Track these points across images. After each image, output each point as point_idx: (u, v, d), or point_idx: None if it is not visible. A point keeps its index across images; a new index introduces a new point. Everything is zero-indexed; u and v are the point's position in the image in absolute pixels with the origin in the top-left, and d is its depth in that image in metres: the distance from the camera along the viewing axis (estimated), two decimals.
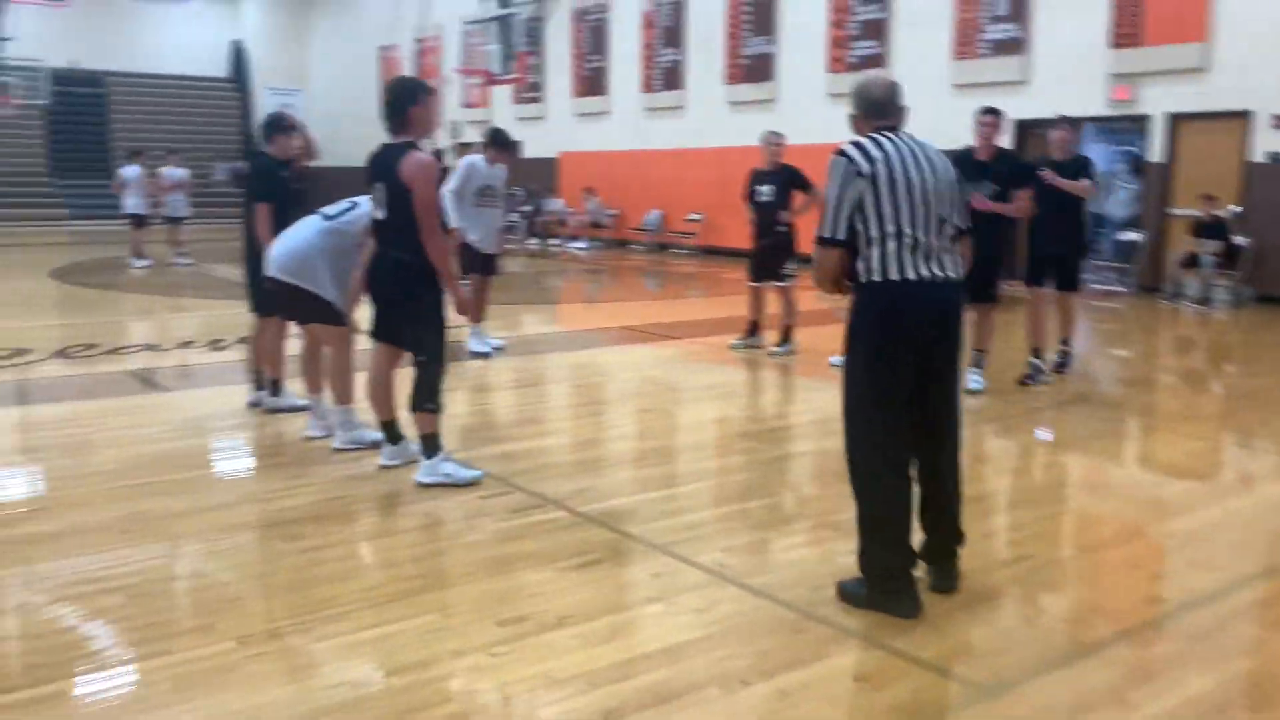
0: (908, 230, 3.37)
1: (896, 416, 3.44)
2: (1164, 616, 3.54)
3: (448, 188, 8.32)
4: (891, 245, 3.37)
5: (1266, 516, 4.66)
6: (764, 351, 8.57)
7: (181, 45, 32.03)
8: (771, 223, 8.47)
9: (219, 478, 5.05)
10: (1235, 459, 5.87)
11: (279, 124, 6.36)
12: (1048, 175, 7.15)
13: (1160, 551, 4.18)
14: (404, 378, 4.98)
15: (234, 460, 5.61)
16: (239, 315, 6.43)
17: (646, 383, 7.80)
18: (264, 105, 32.54)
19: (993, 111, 7.09)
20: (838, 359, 7.90)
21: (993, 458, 5.69)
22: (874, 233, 3.38)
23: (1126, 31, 13.18)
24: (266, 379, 6.32)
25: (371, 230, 4.96)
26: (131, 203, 15.98)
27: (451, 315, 4.93)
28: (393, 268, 4.77)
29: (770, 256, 8.52)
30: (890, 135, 3.47)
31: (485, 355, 8.45)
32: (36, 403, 6.72)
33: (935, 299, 3.43)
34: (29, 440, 5.82)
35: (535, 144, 23.63)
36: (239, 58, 32.98)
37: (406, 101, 4.78)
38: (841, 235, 3.39)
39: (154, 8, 31.84)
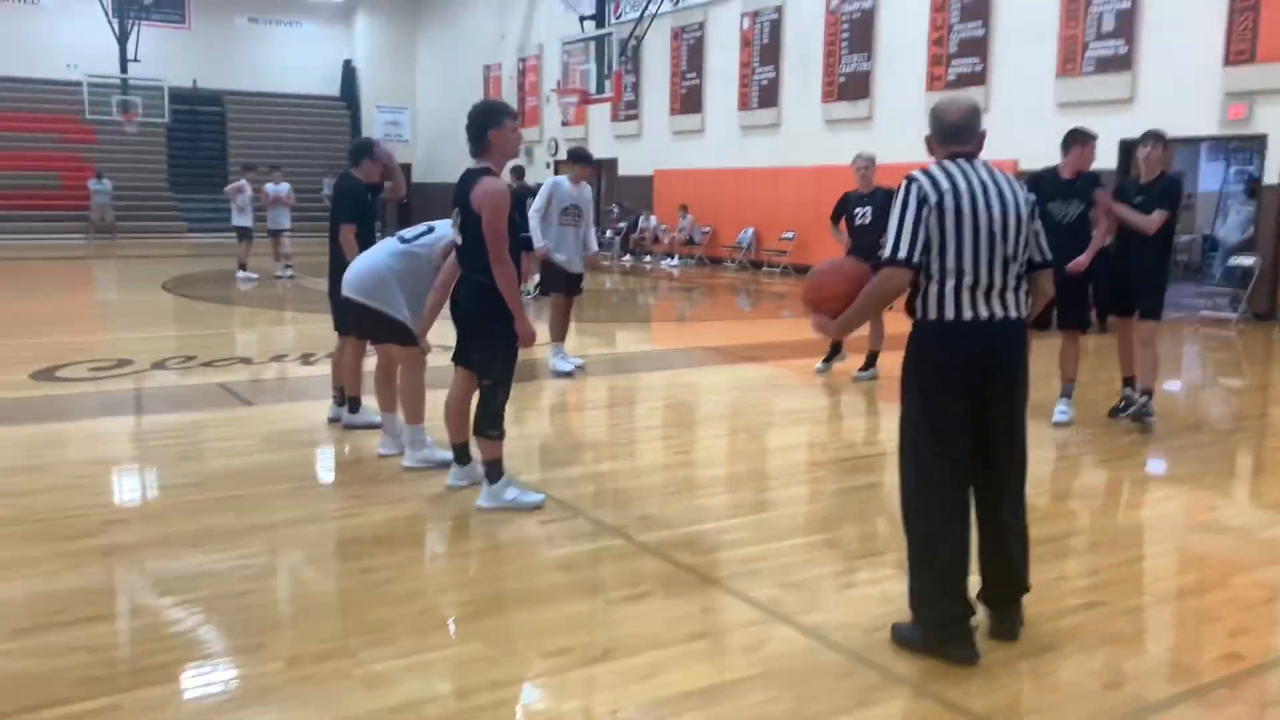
0: (969, 268, 3.24)
1: (952, 456, 3.32)
2: (1240, 676, 3.33)
3: (533, 208, 8.43)
4: (950, 283, 3.25)
5: None
6: (848, 375, 8.42)
7: (295, 65, 33.22)
8: (874, 246, 8.32)
9: (290, 494, 5.16)
10: None
11: (367, 149, 6.51)
12: (1104, 199, 6.66)
13: (1246, 603, 3.93)
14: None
15: (306, 477, 5.73)
16: (331, 330, 6.58)
17: (725, 406, 7.73)
18: (373, 122, 33.59)
19: (1085, 135, 6.84)
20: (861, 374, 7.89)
21: (1077, 495, 5.46)
22: (934, 269, 3.26)
23: (1240, 48, 12.61)
24: (346, 395, 6.46)
25: (456, 254, 4.99)
26: (238, 217, 16.62)
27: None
28: (473, 290, 4.79)
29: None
30: (963, 164, 3.33)
31: (568, 374, 8.50)
32: (129, 414, 6.99)
33: (993, 340, 3.29)
34: (116, 451, 6.05)
35: (631, 161, 23.79)
36: (349, 77, 34.02)
37: (488, 124, 4.79)
38: (916, 259, 3.23)
39: (270, 30, 33.11)
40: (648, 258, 21.92)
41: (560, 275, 8.61)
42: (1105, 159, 14.02)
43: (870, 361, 8.40)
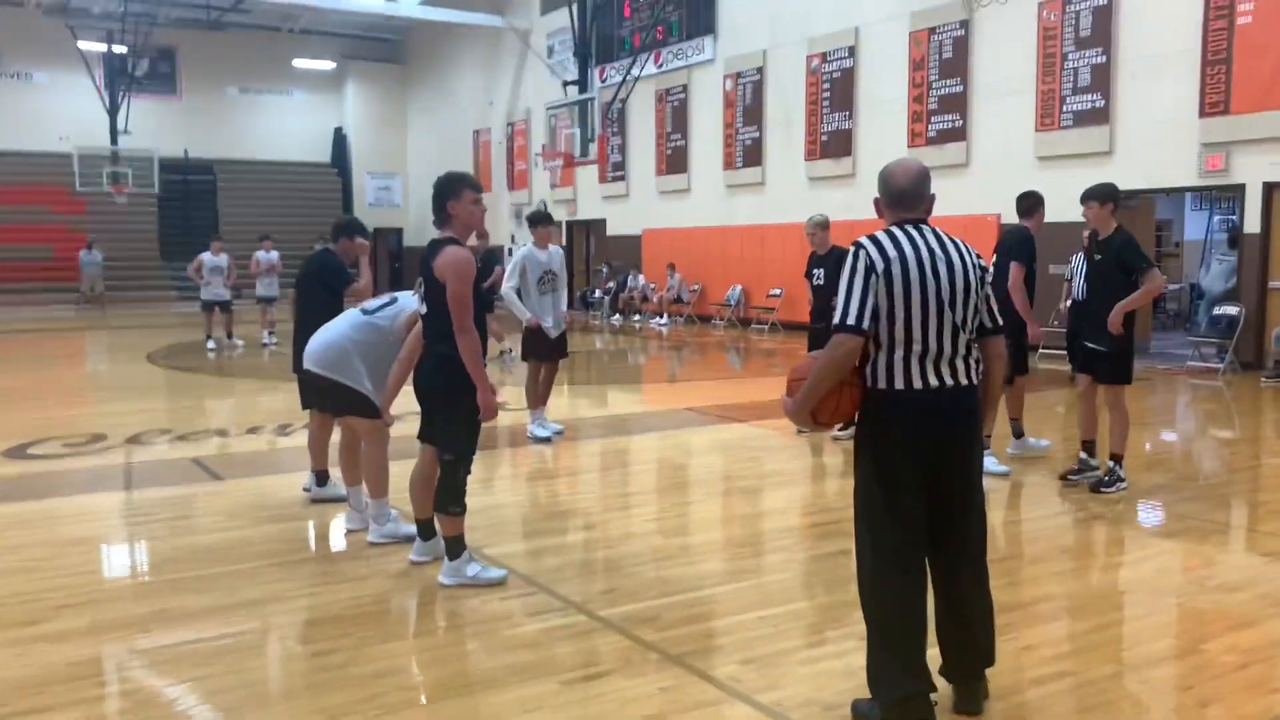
0: (918, 337, 3.19)
1: (907, 525, 3.25)
2: None
3: (508, 285, 8.37)
4: (900, 352, 3.21)
5: None
6: (828, 435, 8.36)
7: (286, 133, 33.61)
8: (827, 306, 8.37)
9: (251, 574, 5.07)
10: None
11: (346, 228, 6.53)
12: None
13: (1217, 670, 3.83)
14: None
15: (270, 555, 5.62)
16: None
17: (701, 470, 7.66)
18: (364, 189, 33.89)
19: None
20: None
21: (1049, 558, 5.37)
22: (883, 337, 3.20)
23: (1214, 99, 12.74)
24: (313, 468, 6.40)
25: (422, 326, 4.95)
26: (203, 290, 16.44)
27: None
28: (436, 363, 4.74)
29: (828, 338, 8.37)
30: (911, 230, 3.29)
31: (546, 440, 8.43)
32: (97, 491, 6.89)
33: (944, 408, 3.24)
34: (79, 531, 5.94)
35: (619, 221, 23.95)
36: (340, 144, 34.40)
37: (446, 196, 4.80)
38: (866, 324, 3.16)
39: (261, 99, 33.53)
40: (637, 317, 21.95)
41: (544, 341, 8.58)
42: None
43: (850, 421, 8.31)
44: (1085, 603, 4.68)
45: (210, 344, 16.02)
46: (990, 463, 6.75)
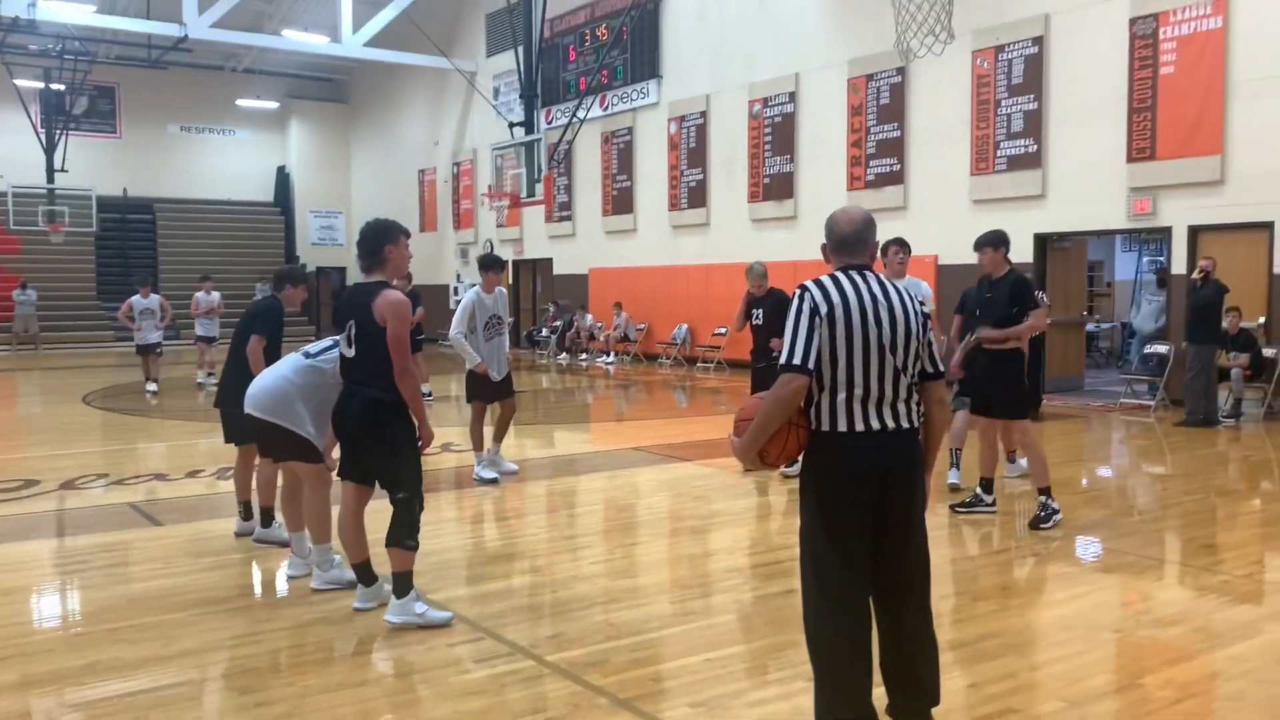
0: (859, 380, 3.25)
1: (850, 565, 3.30)
2: None
3: (456, 331, 8.35)
4: (842, 395, 3.25)
5: (1272, 667, 4.37)
6: (775, 473, 8.42)
7: (228, 172, 33.28)
8: (765, 347, 8.56)
9: (189, 622, 4.97)
10: (1250, 594, 5.56)
11: (291, 277, 6.56)
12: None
13: (1156, 705, 3.92)
14: (379, 512, 4.91)
15: (209, 602, 5.52)
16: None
17: (647, 510, 7.66)
18: (307, 227, 33.62)
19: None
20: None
21: (991, 595, 5.45)
22: (826, 379, 3.25)
23: (1141, 145, 13.18)
24: (251, 508, 6.40)
25: (340, 369, 4.97)
26: (137, 335, 16.05)
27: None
28: (366, 405, 4.75)
29: (772, 376, 8.47)
30: (855, 275, 3.34)
31: (493, 482, 8.39)
32: (30, 539, 6.72)
33: (885, 449, 3.28)
34: (11, 581, 5.78)
35: (566, 260, 24.02)
36: (283, 183, 34.14)
37: (384, 240, 4.86)
38: (812, 364, 3.20)
39: (202, 138, 33.21)
40: (584, 355, 21.97)
41: (487, 384, 8.55)
42: (1021, 253, 14.50)
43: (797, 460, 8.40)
44: (1027, 639, 4.76)
45: (150, 386, 15.72)
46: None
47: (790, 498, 7.89)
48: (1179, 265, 13.10)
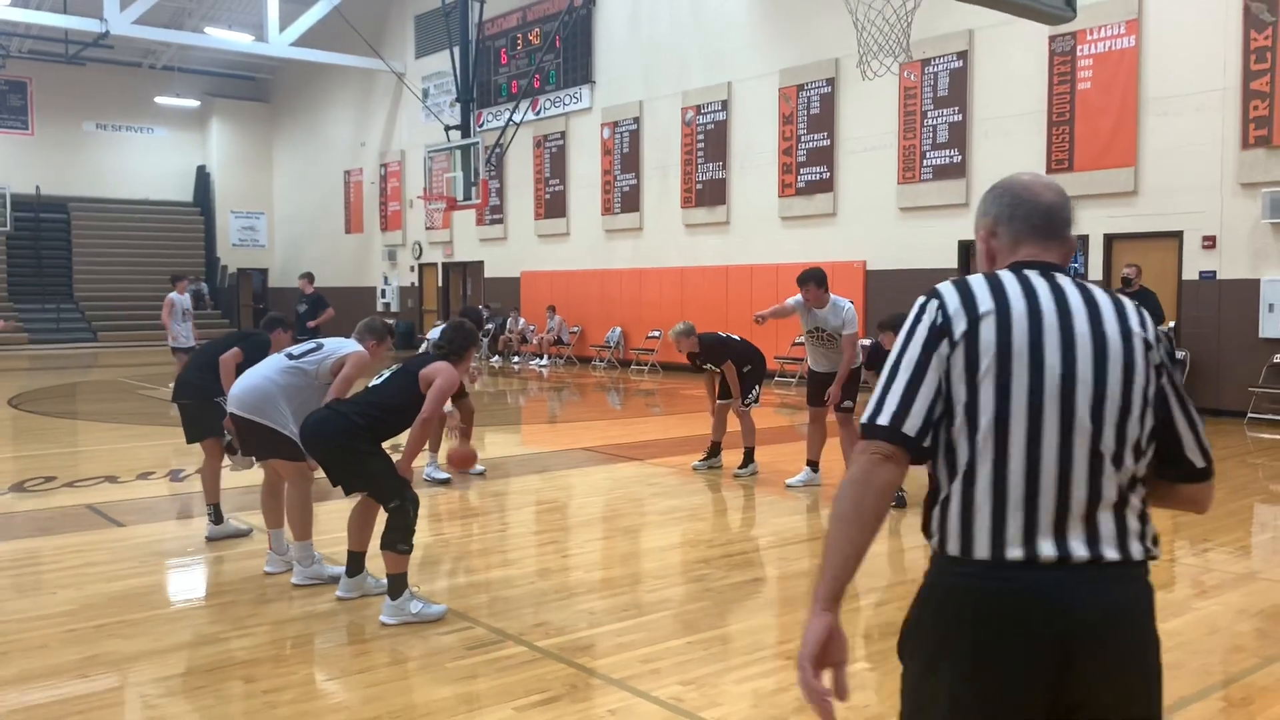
0: (1019, 463, 1.79)
1: None
2: None
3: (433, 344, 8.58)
4: (986, 490, 1.80)
5: (1205, 639, 4.79)
6: (727, 472, 8.73)
7: (146, 171, 32.56)
8: (725, 387, 8.81)
9: (176, 617, 5.06)
10: (1177, 578, 6.02)
11: (283, 323, 6.78)
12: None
13: None
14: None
15: (191, 598, 5.61)
16: (199, 447, 6.59)
17: (608, 507, 7.90)
18: (228, 228, 33.05)
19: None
20: (794, 480, 8.23)
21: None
22: (959, 458, 1.83)
23: (1059, 157, 13.85)
24: (222, 510, 6.50)
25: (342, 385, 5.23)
26: None
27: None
28: (345, 427, 4.97)
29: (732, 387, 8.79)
30: (1039, 278, 1.91)
31: (445, 481, 8.53)
32: None
33: (1073, 602, 1.77)
34: None
35: (497, 264, 24.11)
36: (203, 183, 33.51)
37: (470, 344, 5.43)
38: (914, 431, 1.82)
39: (119, 136, 32.44)
40: (516, 358, 22.08)
41: None
42: (946, 258, 15.11)
43: (748, 458, 8.73)
44: None
45: None
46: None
47: (742, 493, 8.21)
48: (1095, 271, 13.79)
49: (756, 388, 8.86)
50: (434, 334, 8.06)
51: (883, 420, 1.84)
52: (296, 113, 32.31)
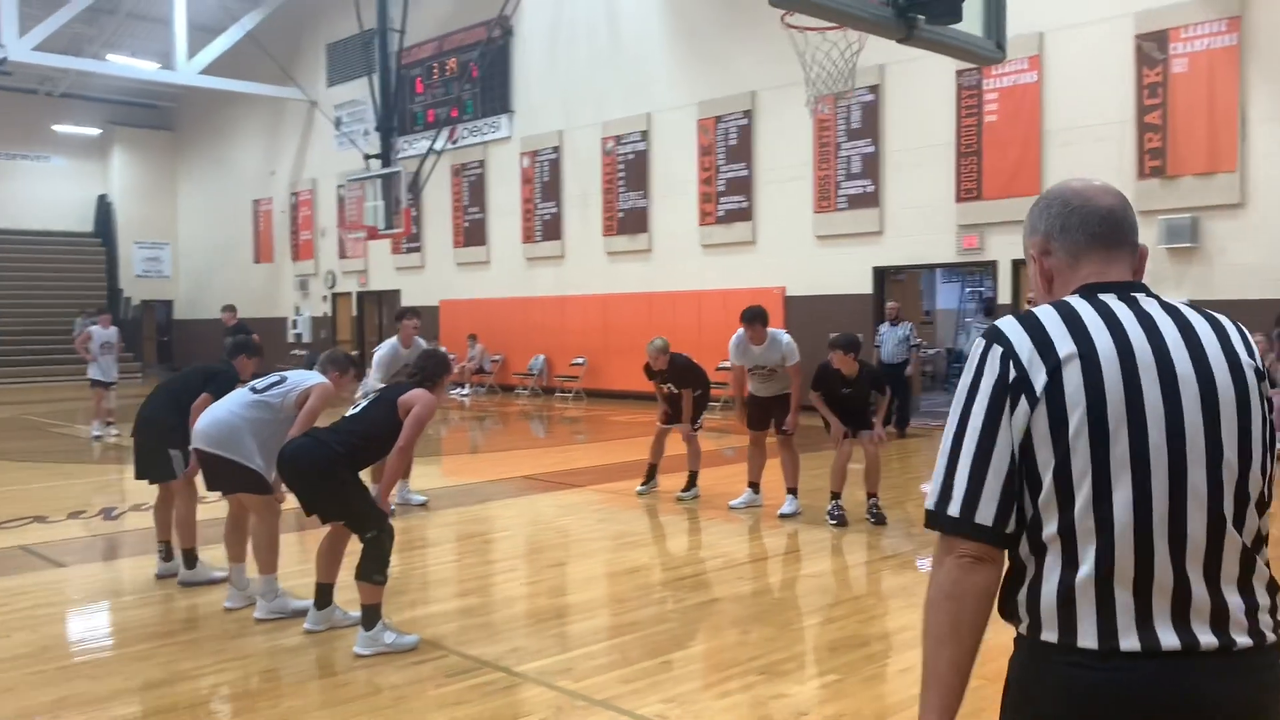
0: (1125, 540, 1.54)
1: None
2: None
3: (374, 378, 8.55)
4: (1086, 569, 1.54)
5: None
6: (666, 495, 8.90)
7: (44, 202, 31.50)
8: (679, 410, 8.93)
9: (144, 655, 5.00)
10: None
11: (245, 347, 6.68)
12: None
13: None
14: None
15: (155, 637, 5.53)
16: (129, 483, 6.50)
17: (557, 534, 7.99)
18: (131, 259, 32.15)
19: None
20: (736, 502, 8.44)
21: (894, 594, 6.05)
22: (1050, 528, 1.56)
23: (968, 186, 14.46)
24: (174, 549, 6.37)
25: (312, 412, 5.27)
26: None
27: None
28: (326, 454, 4.99)
29: (681, 410, 8.95)
30: (1120, 303, 1.65)
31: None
32: None
33: (1195, 699, 1.53)
34: None
35: (415, 292, 23.95)
36: (105, 213, 32.56)
37: (445, 371, 5.48)
38: (990, 520, 1.57)
39: (14, 165, 31.35)
40: None
41: None
42: (861, 284, 15.61)
43: (690, 481, 8.92)
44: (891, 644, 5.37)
45: (102, 430, 14.15)
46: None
47: (687, 517, 8.40)
48: (1005, 295, 14.42)
49: (704, 412, 9.10)
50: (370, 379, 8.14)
51: (953, 511, 1.57)
52: (202, 141, 31.66)
